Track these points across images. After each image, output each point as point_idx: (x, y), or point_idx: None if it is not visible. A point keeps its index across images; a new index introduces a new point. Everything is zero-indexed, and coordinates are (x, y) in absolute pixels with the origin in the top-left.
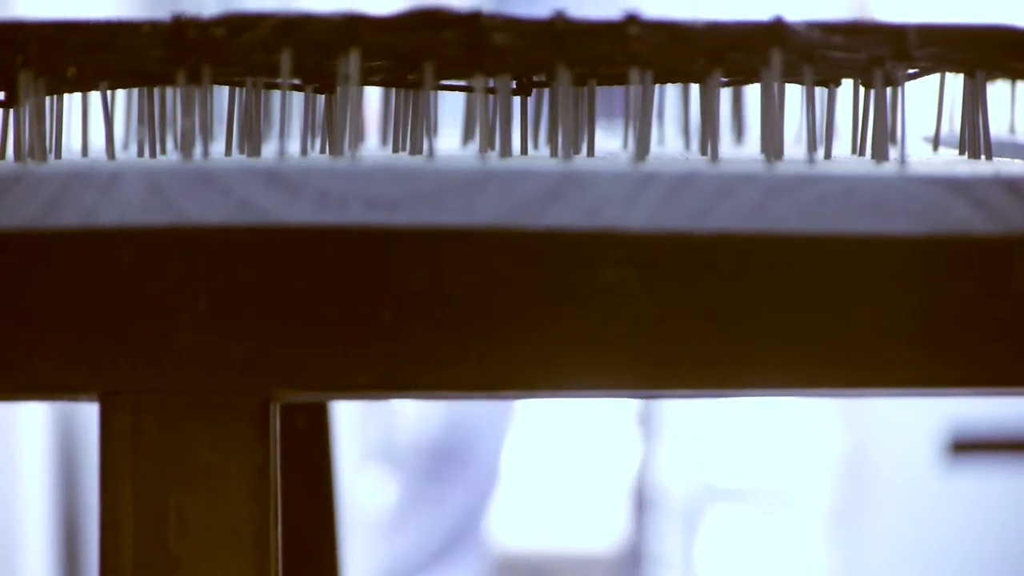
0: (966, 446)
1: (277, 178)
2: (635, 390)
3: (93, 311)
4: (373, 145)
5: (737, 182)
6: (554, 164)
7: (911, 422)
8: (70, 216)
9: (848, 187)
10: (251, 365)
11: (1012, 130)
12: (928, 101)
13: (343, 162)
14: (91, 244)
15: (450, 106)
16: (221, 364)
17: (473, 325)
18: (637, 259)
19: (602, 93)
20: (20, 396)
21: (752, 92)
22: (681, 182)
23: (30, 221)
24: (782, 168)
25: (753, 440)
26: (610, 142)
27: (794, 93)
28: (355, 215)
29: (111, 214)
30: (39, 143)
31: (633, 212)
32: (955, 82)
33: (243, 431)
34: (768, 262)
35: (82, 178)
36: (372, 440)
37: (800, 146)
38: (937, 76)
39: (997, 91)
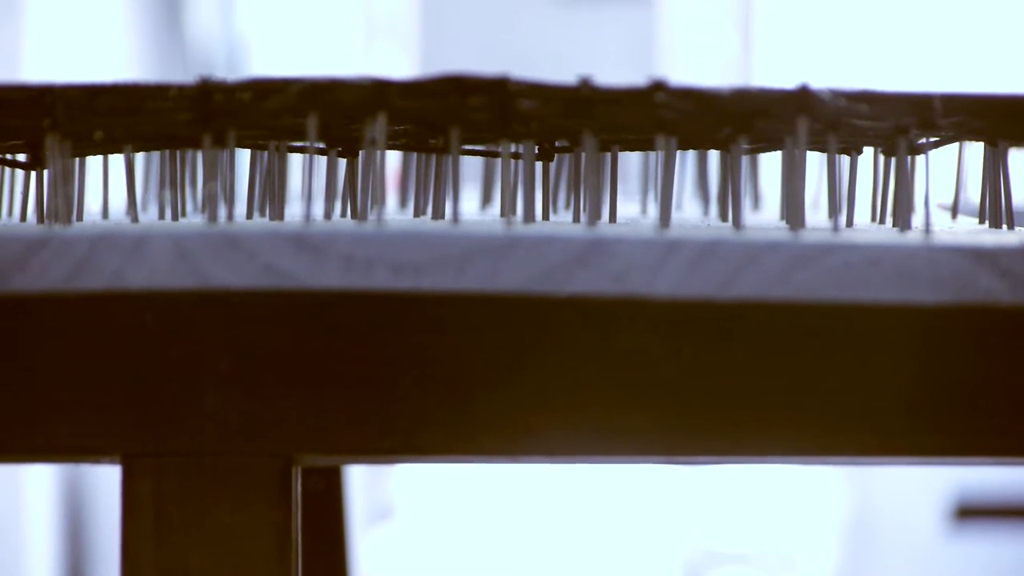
0: (971, 511)
1: (303, 242)
2: (657, 456)
3: (117, 373)
4: (391, 207)
5: (762, 250)
6: (580, 230)
7: (916, 487)
8: (97, 279)
9: (873, 256)
10: (274, 428)
11: None
12: (944, 170)
13: (369, 227)
14: (117, 307)
15: (466, 168)
16: (244, 427)
17: (497, 390)
18: (662, 326)
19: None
20: (42, 458)
21: (768, 158)
22: (706, 249)
23: (57, 284)
24: (807, 236)
25: (758, 503)
26: (625, 206)
27: (811, 159)
28: (381, 280)
29: (138, 277)
30: (65, 206)
31: (659, 279)
32: (971, 151)
33: (265, 494)
34: (792, 330)
35: (109, 241)
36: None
37: (816, 213)
38: (950, 145)
39: (1015, 160)
